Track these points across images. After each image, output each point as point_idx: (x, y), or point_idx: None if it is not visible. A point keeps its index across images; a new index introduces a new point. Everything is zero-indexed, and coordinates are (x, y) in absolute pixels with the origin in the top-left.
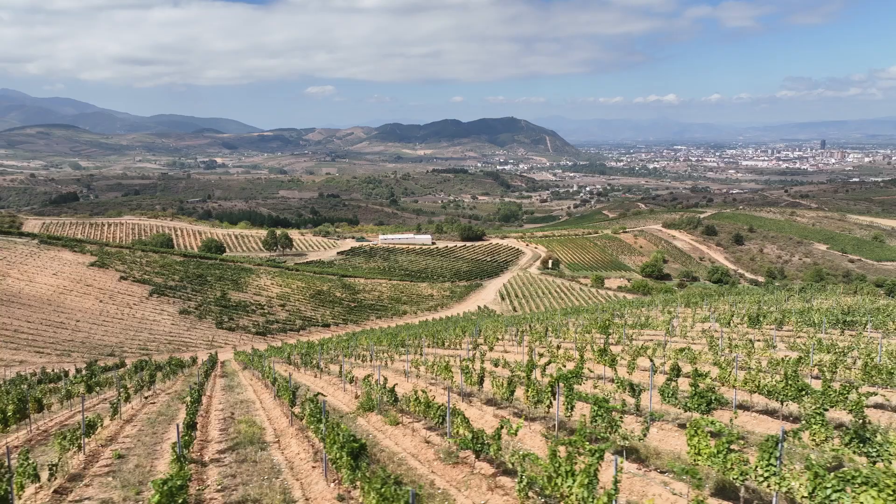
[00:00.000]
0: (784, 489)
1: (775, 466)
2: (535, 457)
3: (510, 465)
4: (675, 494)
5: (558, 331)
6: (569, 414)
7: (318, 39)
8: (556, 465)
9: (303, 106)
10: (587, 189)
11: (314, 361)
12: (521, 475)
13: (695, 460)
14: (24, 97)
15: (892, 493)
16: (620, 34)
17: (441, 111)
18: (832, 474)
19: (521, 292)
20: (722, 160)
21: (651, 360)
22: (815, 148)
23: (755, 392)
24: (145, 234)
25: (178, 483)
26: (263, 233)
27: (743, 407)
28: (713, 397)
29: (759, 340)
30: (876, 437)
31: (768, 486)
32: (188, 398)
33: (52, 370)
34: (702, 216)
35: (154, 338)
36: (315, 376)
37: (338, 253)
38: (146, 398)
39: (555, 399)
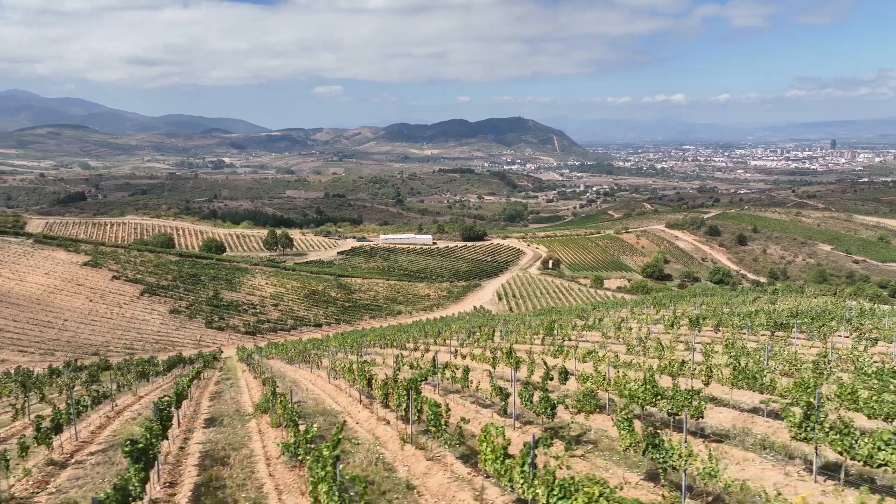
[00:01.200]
0: (530, 496)
1: (527, 473)
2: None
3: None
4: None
5: (511, 332)
6: (417, 415)
7: (323, 39)
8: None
9: (310, 106)
10: (594, 189)
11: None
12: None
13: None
14: (34, 97)
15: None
16: (627, 34)
17: (448, 111)
18: (559, 480)
19: (519, 293)
20: (730, 160)
21: (530, 363)
22: (825, 148)
23: (622, 396)
24: (147, 233)
25: None
26: (264, 233)
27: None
28: (556, 402)
29: (680, 343)
30: (664, 443)
31: (522, 491)
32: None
33: (24, 369)
34: (706, 216)
35: (141, 337)
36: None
37: (338, 253)
38: (115, 410)
39: (408, 400)
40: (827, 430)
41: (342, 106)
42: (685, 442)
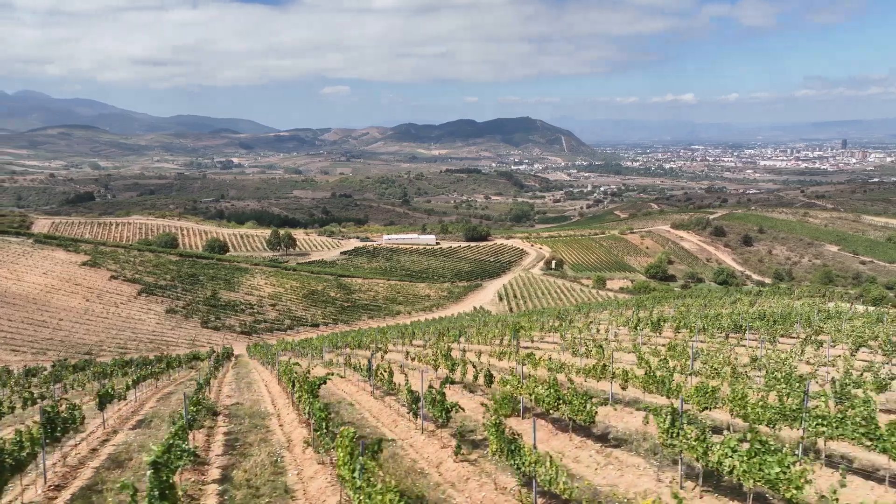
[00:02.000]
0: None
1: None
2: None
3: None
4: None
5: (479, 333)
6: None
7: (331, 39)
8: None
9: (319, 106)
10: (601, 189)
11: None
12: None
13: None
14: (45, 98)
15: None
16: (636, 33)
17: (456, 111)
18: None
19: (520, 293)
20: (740, 160)
21: (463, 365)
22: (836, 148)
23: (530, 400)
24: (152, 233)
25: None
26: (268, 233)
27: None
28: (450, 405)
29: (644, 346)
30: (521, 449)
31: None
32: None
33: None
34: (712, 217)
35: (136, 337)
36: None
37: (341, 253)
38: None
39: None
40: (687, 436)
41: (350, 106)
42: (577, 447)
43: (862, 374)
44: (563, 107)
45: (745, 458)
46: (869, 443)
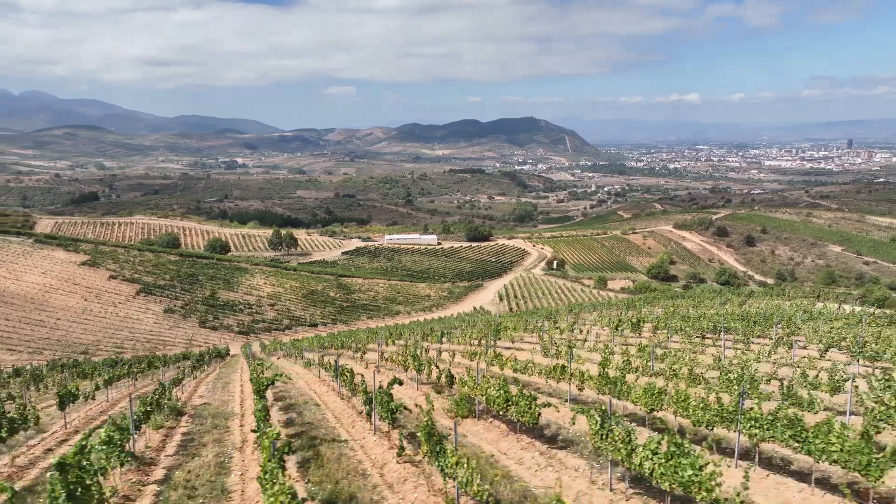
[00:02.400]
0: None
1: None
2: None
3: None
4: None
5: (463, 333)
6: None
7: (335, 40)
8: None
9: (323, 106)
10: (605, 189)
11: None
12: None
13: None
14: (51, 99)
15: None
16: (640, 33)
17: (460, 111)
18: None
19: (520, 293)
20: (744, 160)
21: (428, 367)
22: (842, 148)
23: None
24: (154, 233)
25: None
26: (269, 233)
27: None
28: (395, 406)
29: (625, 346)
30: (446, 451)
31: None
32: None
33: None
34: (715, 217)
35: (133, 336)
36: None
37: (342, 253)
38: None
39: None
40: (615, 438)
41: (354, 106)
42: (523, 448)
43: (818, 375)
44: (566, 107)
45: (662, 460)
46: (796, 444)
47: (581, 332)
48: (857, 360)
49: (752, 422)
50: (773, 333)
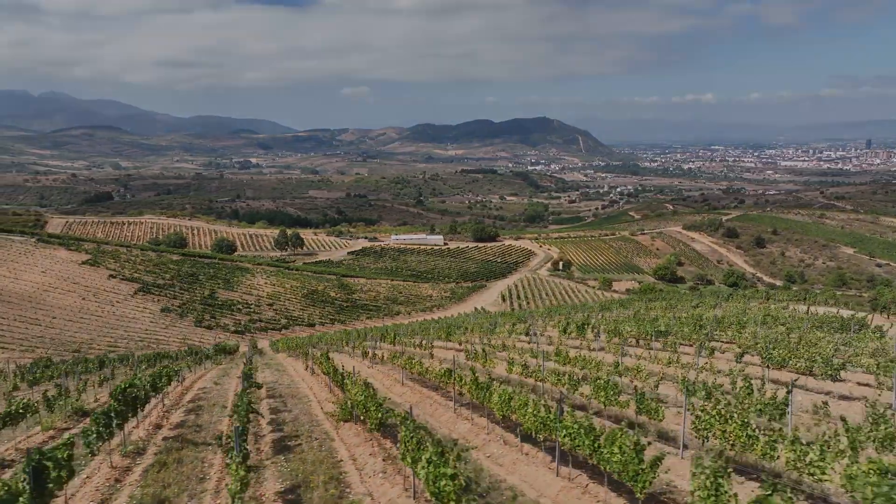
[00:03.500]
0: None
1: None
2: None
3: None
4: None
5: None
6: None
7: (352, 41)
8: None
9: (337, 107)
10: (617, 190)
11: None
12: None
13: None
14: (70, 99)
15: None
16: (657, 33)
17: (474, 111)
18: None
19: (524, 294)
20: (760, 160)
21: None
22: (860, 148)
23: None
24: (163, 232)
25: None
26: (276, 232)
27: None
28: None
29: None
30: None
31: None
32: None
33: None
34: (725, 218)
35: (127, 335)
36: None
37: (348, 253)
38: None
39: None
40: (414, 444)
41: (368, 106)
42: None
43: (696, 382)
44: (582, 107)
45: (430, 467)
46: (591, 452)
47: (537, 334)
48: (768, 366)
49: (566, 430)
50: (725, 338)
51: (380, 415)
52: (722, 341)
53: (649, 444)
